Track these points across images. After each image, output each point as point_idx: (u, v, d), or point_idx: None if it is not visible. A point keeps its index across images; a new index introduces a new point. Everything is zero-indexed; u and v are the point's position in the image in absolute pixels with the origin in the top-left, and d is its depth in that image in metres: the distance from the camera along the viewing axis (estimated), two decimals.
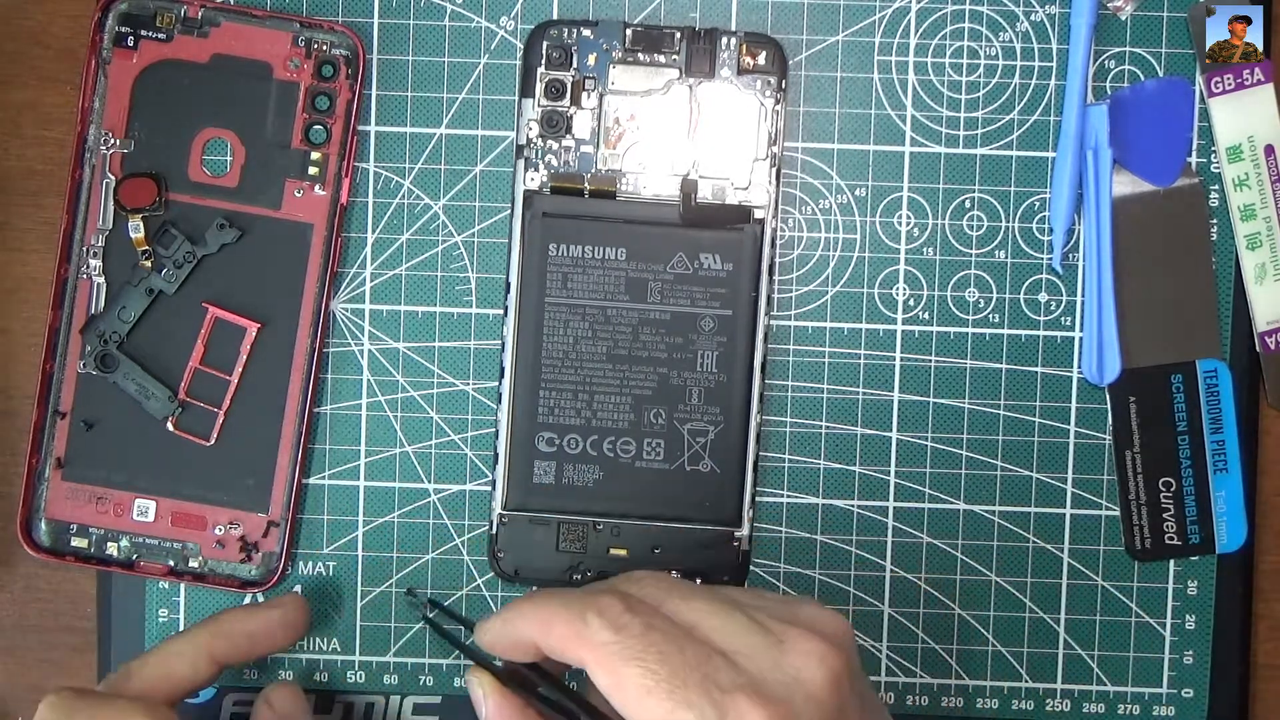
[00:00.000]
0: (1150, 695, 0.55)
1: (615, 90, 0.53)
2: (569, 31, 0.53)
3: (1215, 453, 0.54)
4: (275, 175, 0.54)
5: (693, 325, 0.53)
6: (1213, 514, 0.55)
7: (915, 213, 0.55)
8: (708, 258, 0.53)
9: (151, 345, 0.54)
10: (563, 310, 0.53)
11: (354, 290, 0.55)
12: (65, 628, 0.56)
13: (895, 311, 0.55)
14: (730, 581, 0.54)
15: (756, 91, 0.53)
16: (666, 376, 0.53)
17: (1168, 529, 0.55)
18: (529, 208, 0.53)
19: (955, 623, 0.55)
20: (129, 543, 0.54)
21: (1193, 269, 0.54)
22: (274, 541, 0.54)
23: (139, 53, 0.54)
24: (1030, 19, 0.54)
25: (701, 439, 0.53)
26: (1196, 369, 0.54)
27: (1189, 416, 0.54)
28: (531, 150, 0.54)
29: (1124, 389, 0.54)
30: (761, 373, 0.53)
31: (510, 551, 0.54)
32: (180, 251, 0.54)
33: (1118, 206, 0.54)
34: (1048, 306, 0.55)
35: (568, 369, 0.53)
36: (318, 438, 0.55)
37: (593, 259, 0.53)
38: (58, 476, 0.54)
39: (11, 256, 0.56)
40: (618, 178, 0.53)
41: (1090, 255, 0.54)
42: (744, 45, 0.53)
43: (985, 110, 0.54)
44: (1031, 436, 0.55)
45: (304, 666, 0.55)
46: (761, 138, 0.53)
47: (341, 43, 0.54)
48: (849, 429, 0.55)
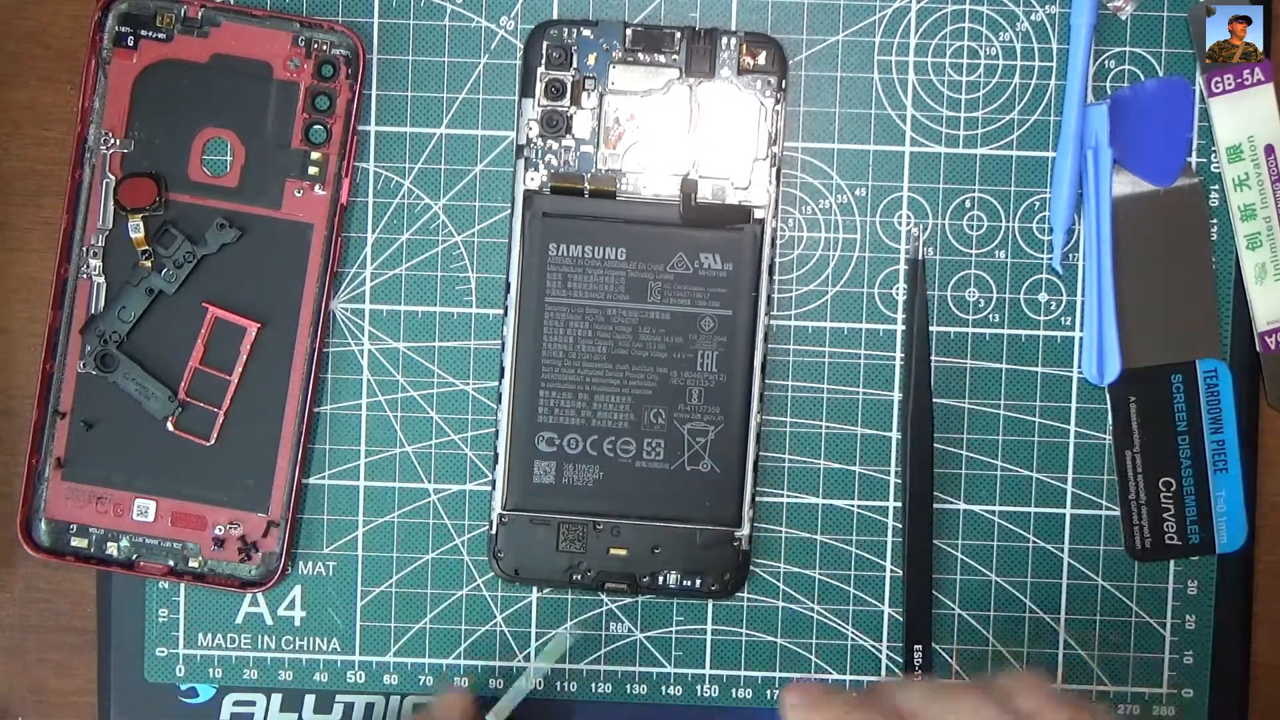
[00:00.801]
0: (1150, 695, 0.55)
1: (615, 90, 0.53)
2: (569, 31, 0.53)
3: (1215, 452, 0.54)
4: (275, 175, 0.54)
5: (693, 325, 0.53)
6: (1213, 514, 0.55)
7: (915, 212, 0.55)
8: (708, 257, 0.53)
9: (151, 345, 0.54)
10: (563, 310, 0.53)
11: (354, 290, 0.55)
12: (65, 628, 0.56)
13: (895, 311, 0.55)
14: (730, 580, 0.54)
15: (756, 91, 0.53)
16: (666, 376, 0.53)
17: (1168, 529, 0.55)
18: (529, 208, 0.53)
19: (955, 623, 0.55)
20: (129, 543, 0.54)
21: (1193, 269, 0.54)
22: (274, 541, 0.54)
23: (139, 53, 0.54)
24: (1030, 19, 0.54)
25: (701, 439, 0.53)
26: (1197, 369, 0.54)
27: (1189, 416, 0.54)
28: (531, 150, 0.54)
29: (1124, 389, 0.54)
30: (762, 372, 0.53)
31: (510, 551, 0.54)
32: (180, 251, 0.54)
33: (1117, 206, 0.54)
34: (1048, 306, 0.55)
35: (568, 369, 0.53)
36: (318, 438, 0.55)
37: (593, 259, 0.53)
38: (58, 476, 0.54)
39: (11, 256, 0.56)
40: (618, 177, 0.53)
41: (1090, 255, 0.54)
42: (744, 45, 0.53)
43: (985, 110, 0.54)
44: (1031, 436, 0.55)
45: (304, 666, 0.55)
46: (761, 137, 0.53)
47: (341, 43, 0.54)
48: (849, 429, 0.55)
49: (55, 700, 0.56)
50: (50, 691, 0.56)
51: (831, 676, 0.55)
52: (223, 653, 0.55)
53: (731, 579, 0.54)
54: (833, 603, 0.55)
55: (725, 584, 0.54)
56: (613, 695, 0.55)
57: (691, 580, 0.54)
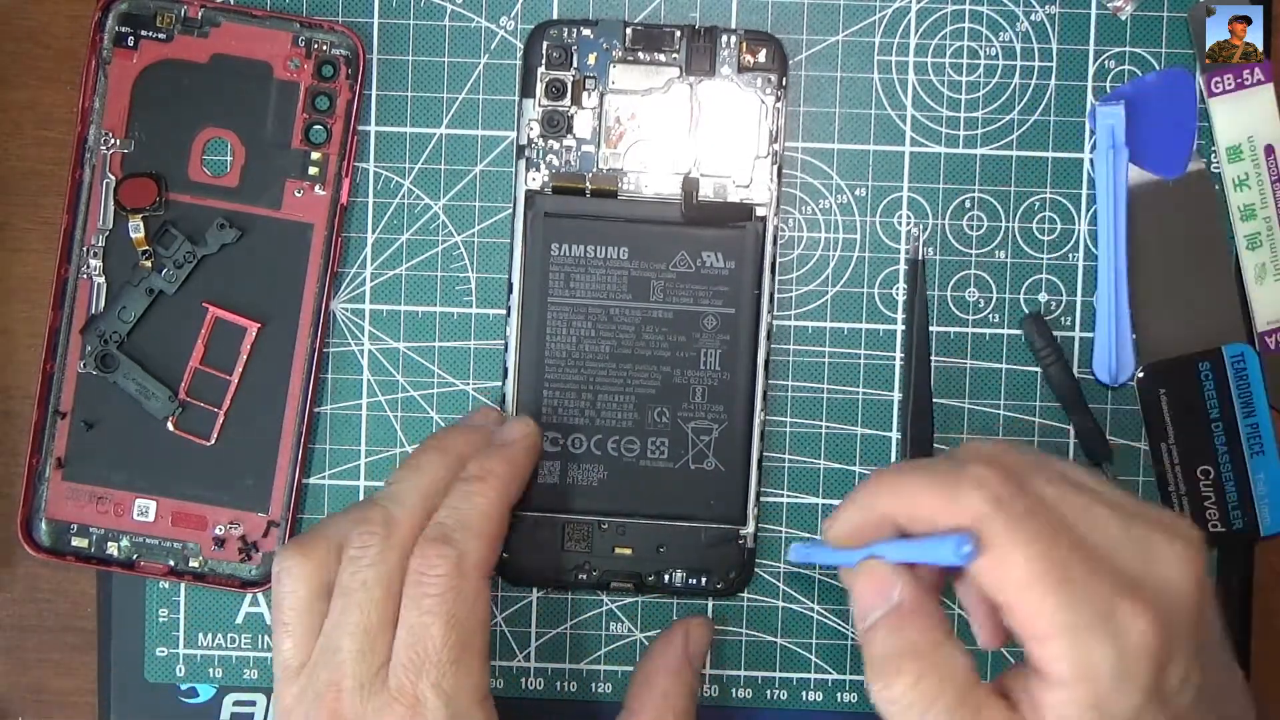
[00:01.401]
0: None
1: (616, 89, 0.53)
2: (569, 31, 0.53)
3: (1250, 436, 0.54)
4: (275, 175, 0.54)
5: (695, 323, 0.53)
6: (1254, 497, 0.55)
7: (915, 212, 0.55)
8: (710, 256, 0.53)
9: (152, 345, 0.54)
10: (565, 310, 0.53)
11: (354, 290, 0.55)
12: (65, 628, 0.56)
13: (895, 311, 0.55)
14: (736, 578, 0.54)
15: (757, 89, 0.53)
16: (670, 375, 0.53)
17: (1210, 517, 0.55)
18: (531, 208, 0.53)
19: (955, 623, 0.55)
20: (129, 542, 0.54)
21: (1209, 255, 0.54)
22: (274, 541, 0.54)
23: (139, 53, 0.54)
24: (1030, 19, 0.54)
25: (705, 437, 0.53)
26: (1223, 355, 0.54)
27: (1220, 403, 0.54)
28: (533, 150, 0.54)
29: (1153, 382, 0.54)
30: (765, 370, 0.53)
31: (515, 551, 0.54)
32: (180, 251, 0.53)
33: (1130, 202, 0.54)
34: (1048, 306, 0.55)
35: (571, 369, 0.53)
36: (318, 438, 0.55)
37: (595, 258, 0.53)
38: (58, 476, 0.54)
39: (11, 256, 0.56)
40: (619, 177, 0.53)
41: (1106, 256, 0.54)
42: (744, 43, 0.53)
43: (985, 110, 0.55)
44: (1031, 437, 0.55)
45: None
46: (762, 135, 0.53)
47: (341, 43, 0.54)
48: (849, 429, 0.55)
49: (55, 700, 0.56)
50: (50, 691, 0.56)
51: (832, 677, 0.55)
52: (223, 653, 0.55)
53: (737, 576, 0.54)
54: (833, 603, 0.55)
55: (730, 581, 0.54)
56: (612, 695, 0.55)
57: (697, 578, 0.54)
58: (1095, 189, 0.54)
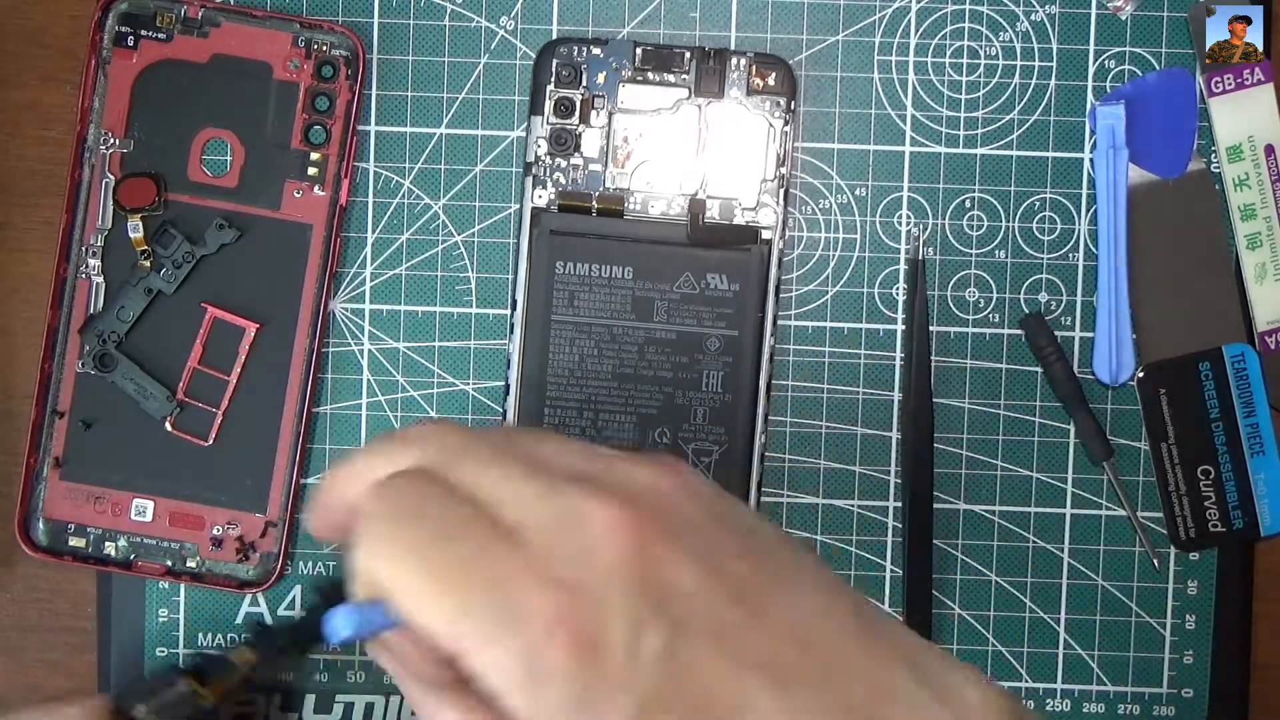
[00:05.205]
0: (1150, 695, 0.55)
1: (624, 109, 0.53)
2: (578, 50, 0.53)
3: (1250, 436, 0.54)
4: (275, 175, 0.54)
5: (698, 345, 0.53)
6: (1254, 497, 0.54)
7: (915, 212, 0.55)
8: (714, 278, 0.53)
9: (150, 345, 0.54)
10: (569, 328, 0.53)
11: (354, 290, 0.55)
12: (65, 628, 0.56)
13: (895, 311, 0.55)
14: None
15: (765, 112, 0.53)
16: (671, 396, 0.53)
17: (1210, 517, 0.55)
18: (536, 225, 0.53)
19: (955, 623, 0.55)
20: (127, 542, 0.54)
21: (1209, 254, 0.54)
22: (272, 542, 0.54)
23: (139, 53, 0.54)
24: (1030, 19, 0.54)
25: (706, 459, 0.53)
26: (1223, 354, 0.54)
27: (1220, 403, 0.54)
28: (540, 168, 0.53)
29: (1153, 382, 0.54)
30: (766, 394, 0.53)
31: None
32: (179, 251, 0.53)
33: (1130, 203, 0.54)
34: (1048, 306, 0.55)
35: (573, 387, 0.53)
36: (317, 438, 0.55)
37: (599, 277, 0.53)
38: (56, 476, 0.54)
39: (11, 256, 0.56)
40: (626, 196, 0.53)
41: (1106, 257, 0.54)
42: (754, 66, 0.53)
43: (985, 110, 0.54)
44: (1031, 436, 0.55)
45: (304, 666, 0.55)
46: (770, 159, 0.53)
47: (341, 43, 0.54)
48: (849, 429, 0.55)
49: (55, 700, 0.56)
50: (50, 691, 0.56)
51: None
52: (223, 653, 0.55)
53: None
54: None
55: None
56: None
57: None
58: (1095, 189, 0.54)
